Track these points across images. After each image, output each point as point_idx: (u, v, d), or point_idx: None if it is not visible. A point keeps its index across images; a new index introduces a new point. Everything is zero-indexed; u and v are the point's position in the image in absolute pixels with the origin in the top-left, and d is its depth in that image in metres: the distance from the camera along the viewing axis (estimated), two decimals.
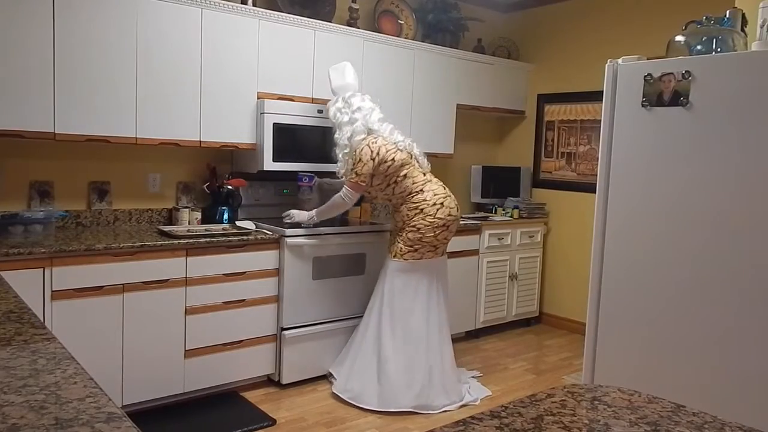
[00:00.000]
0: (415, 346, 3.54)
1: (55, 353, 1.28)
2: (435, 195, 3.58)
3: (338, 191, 3.64)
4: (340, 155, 3.64)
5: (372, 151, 3.52)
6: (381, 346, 3.55)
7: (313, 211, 3.70)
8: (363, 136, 3.57)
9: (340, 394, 3.57)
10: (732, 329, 2.35)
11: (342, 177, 3.70)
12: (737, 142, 2.32)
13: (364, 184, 3.54)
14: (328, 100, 3.82)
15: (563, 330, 5.19)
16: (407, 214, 3.58)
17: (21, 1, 2.94)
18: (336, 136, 3.65)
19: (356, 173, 3.53)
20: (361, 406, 3.47)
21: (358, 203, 4.28)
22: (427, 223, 3.53)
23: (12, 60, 2.95)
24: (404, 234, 3.59)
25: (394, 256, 3.60)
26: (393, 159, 3.53)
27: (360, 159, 3.53)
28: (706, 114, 2.41)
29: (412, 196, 3.58)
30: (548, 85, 5.33)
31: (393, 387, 3.47)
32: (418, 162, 3.68)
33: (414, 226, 3.55)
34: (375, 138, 3.57)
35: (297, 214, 3.73)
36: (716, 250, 2.39)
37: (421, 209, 3.55)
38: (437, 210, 3.54)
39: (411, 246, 3.56)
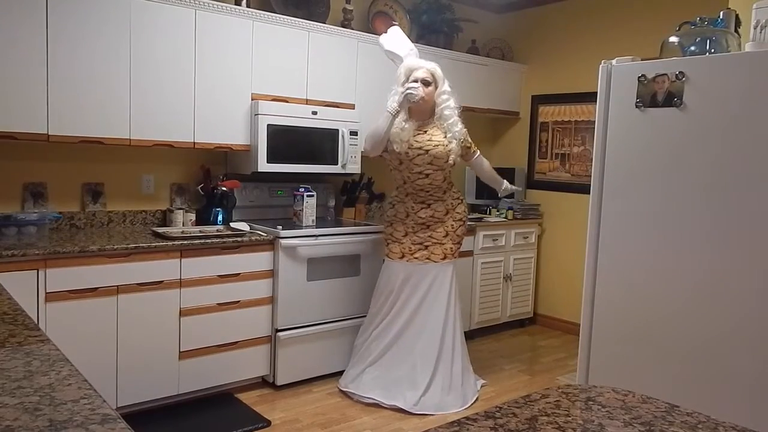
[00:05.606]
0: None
1: (49, 355, 1.27)
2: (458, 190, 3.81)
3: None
4: (455, 131, 3.64)
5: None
6: (464, 346, 3.71)
7: (505, 182, 3.91)
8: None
9: (424, 412, 3.42)
10: (726, 329, 2.36)
11: (456, 157, 3.65)
12: (731, 143, 2.34)
13: None
14: (325, 101, 3.83)
15: (557, 331, 5.20)
16: (452, 203, 3.68)
17: (14, 2, 2.93)
18: (448, 111, 3.64)
19: (473, 142, 3.78)
20: (450, 412, 3.44)
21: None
22: (467, 215, 3.76)
23: (4, 61, 2.94)
24: (453, 231, 3.65)
25: (444, 258, 3.62)
26: None
27: (467, 131, 3.74)
28: (700, 115, 2.42)
29: (452, 186, 3.74)
30: (542, 86, 5.34)
31: (471, 380, 3.72)
32: None
33: (461, 220, 3.69)
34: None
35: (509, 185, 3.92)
36: (710, 251, 2.40)
37: (462, 200, 3.75)
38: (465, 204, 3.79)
39: (458, 243, 3.70)
